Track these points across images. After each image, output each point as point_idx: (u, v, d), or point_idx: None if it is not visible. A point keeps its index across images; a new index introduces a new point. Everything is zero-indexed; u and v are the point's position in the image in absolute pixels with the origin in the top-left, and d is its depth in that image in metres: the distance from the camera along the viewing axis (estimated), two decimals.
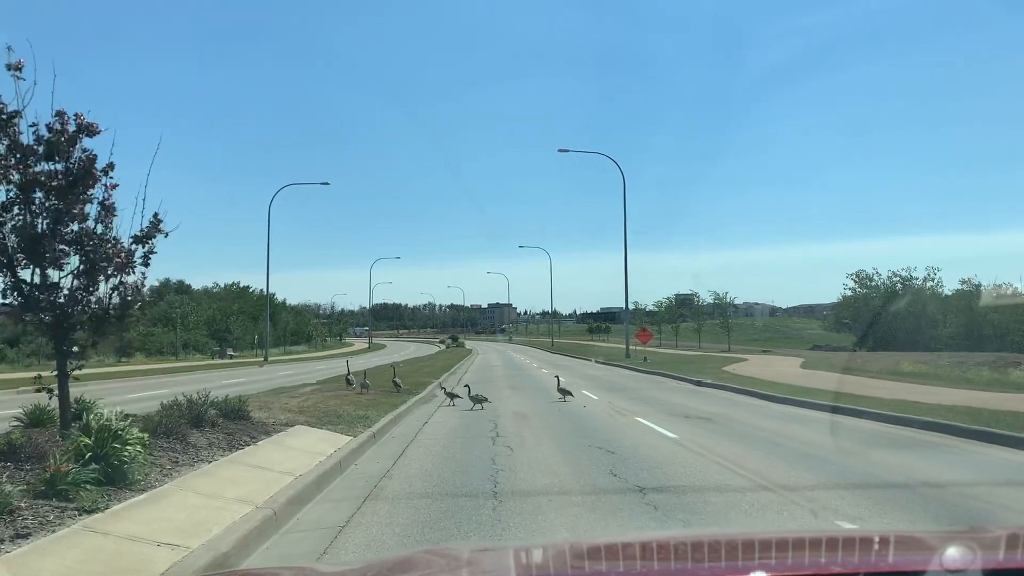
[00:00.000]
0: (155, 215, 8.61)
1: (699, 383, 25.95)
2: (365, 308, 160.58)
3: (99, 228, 7.97)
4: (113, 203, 8.14)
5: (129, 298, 8.29)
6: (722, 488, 7.82)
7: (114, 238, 7.98)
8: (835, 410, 15.81)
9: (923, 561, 1.85)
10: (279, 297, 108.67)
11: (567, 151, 51.72)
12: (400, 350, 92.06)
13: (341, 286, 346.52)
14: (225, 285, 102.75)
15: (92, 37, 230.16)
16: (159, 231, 8.72)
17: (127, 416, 9.67)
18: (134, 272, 8.43)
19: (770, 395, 19.77)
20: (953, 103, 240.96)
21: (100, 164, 8.17)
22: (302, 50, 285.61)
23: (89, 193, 8.11)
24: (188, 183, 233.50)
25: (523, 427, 13.29)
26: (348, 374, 20.83)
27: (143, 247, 8.62)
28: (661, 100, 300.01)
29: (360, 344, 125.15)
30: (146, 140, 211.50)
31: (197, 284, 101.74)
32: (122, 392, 24.32)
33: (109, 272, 7.83)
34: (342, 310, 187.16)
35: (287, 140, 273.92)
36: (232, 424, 9.93)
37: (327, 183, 64.57)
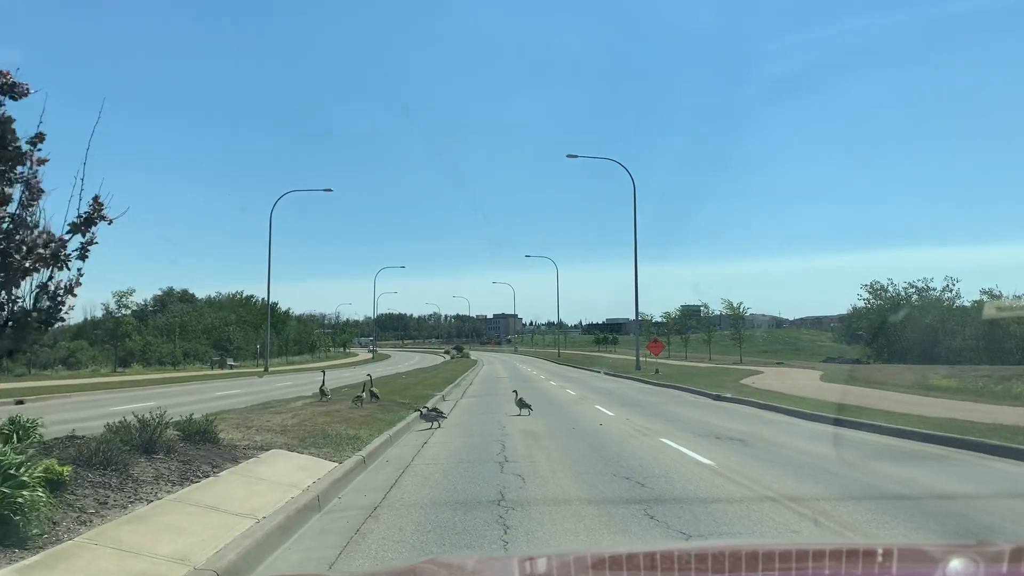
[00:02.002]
0: (95, 198, 7.14)
1: (718, 397, 24.37)
2: (370, 318, 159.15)
3: (19, 211, 6.50)
4: (39, 181, 6.68)
5: (60, 298, 6.81)
6: (787, 535, 6.28)
7: (34, 223, 6.50)
8: (878, 430, 14.25)
9: (926, 573, 1.85)
10: (283, 307, 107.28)
11: (576, 156, 50.24)
12: (405, 360, 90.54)
13: (346, 296, 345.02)
14: (228, 295, 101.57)
15: (94, 45, 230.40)
16: (102, 217, 7.25)
17: (73, 439, 8.22)
18: (68, 267, 6.98)
19: (800, 411, 18.19)
20: (958, 116, 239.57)
21: (28, 135, 6.77)
22: (306, 61, 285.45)
23: (17, 171, 6.69)
24: (194, 195, 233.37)
25: (535, 450, 11.75)
26: (322, 385, 19.89)
27: (81, 236, 7.18)
28: (664, 113, 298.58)
29: (364, 354, 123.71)
30: (146, 147, 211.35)
31: (201, 294, 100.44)
32: (107, 404, 22.93)
33: (27, 266, 6.34)
34: (347, 320, 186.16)
35: (291, 152, 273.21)
36: (193, 449, 8.41)
37: (330, 190, 63.56)
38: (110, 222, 7.36)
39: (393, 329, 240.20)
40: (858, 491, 8.29)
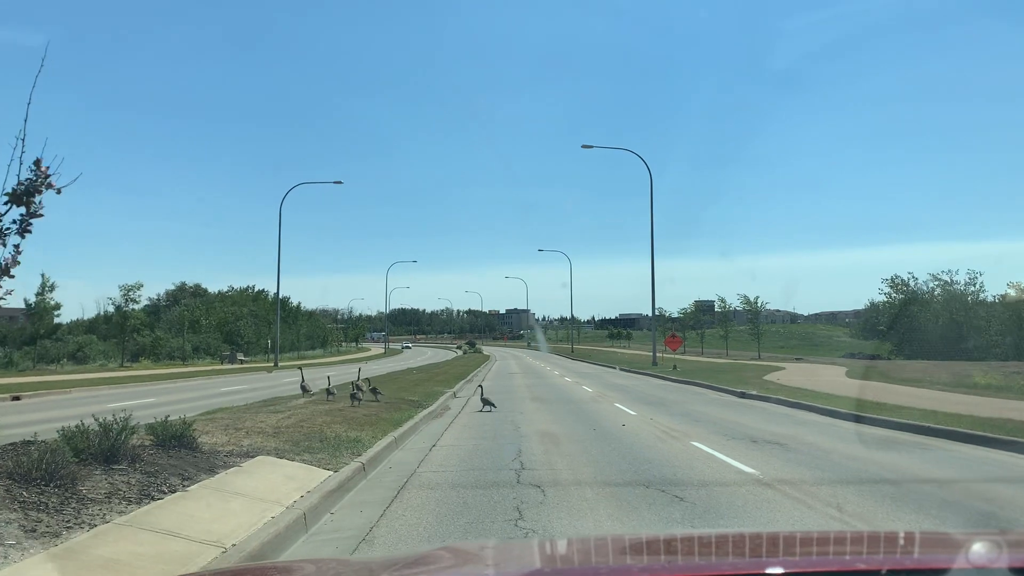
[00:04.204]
0: (37, 161, 6.05)
1: (743, 395, 23.13)
2: (383, 313, 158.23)
3: None
4: None
5: None
6: None
7: None
8: (930, 432, 12.99)
9: (948, 559, 1.73)
10: (295, 302, 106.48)
11: (591, 147, 48.89)
12: (417, 355, 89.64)
13: (359, 291, 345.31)
14: (240, 289, 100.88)
15: (107, 41, 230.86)
16: (48, 185, 6.17)
17: (29, 444, 7.15)
18: (4, 243, 5.90)
19: (835, 411, 16.94)
20: (972, 110, 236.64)
21: None
22: (318, 56, 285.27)
23: None
24: (207, 189, 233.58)
25: (554, 455, 10.59)
26: (303, 382, 18.90)
27: (25, 208, 6.10)
28: (677, 108, 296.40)
29: (377, 349, 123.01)
30: (159, 143, 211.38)
31: (214, 288, 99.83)
32: (105, 401, 21.97)
33: None
34: (359, 315, 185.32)
35: (303, 147, 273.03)
36: (164, 458, 7.32)
37: (339, 182, 62.55)
38: (58, 191, 6.27)
39: (406, 324, 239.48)
40: (932, 506, 7.09)
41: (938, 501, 7.45)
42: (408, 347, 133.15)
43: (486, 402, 17.76)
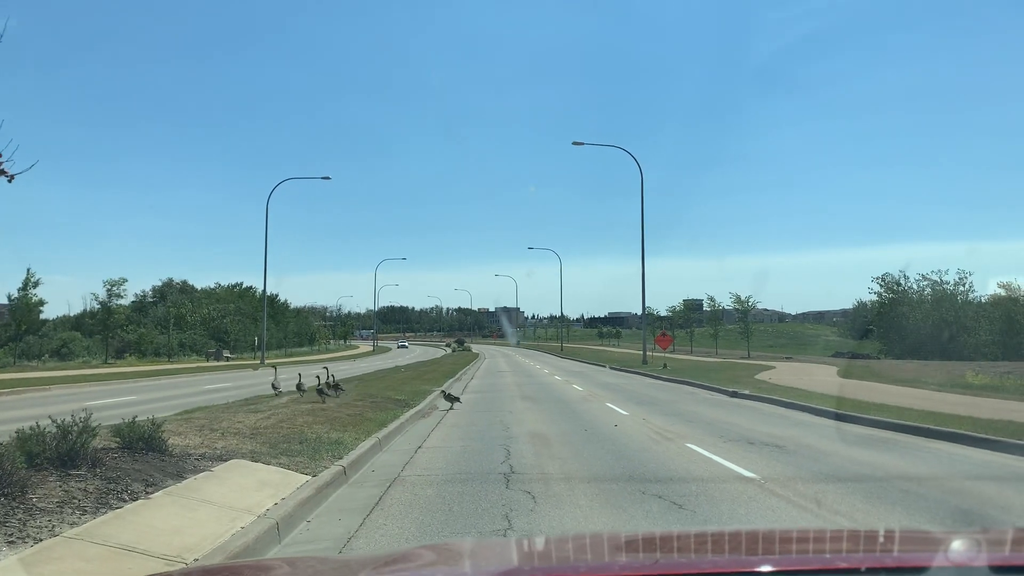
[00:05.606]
0: None
1: (735, 394, 22.77)
2: (372, 311, 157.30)
3: None
4: None
5: None
6: None
7: None
8: (930, 434, 12.64)
9: (928, 557, 1.73)
10: (283, 299, 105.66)
11: (581, 144, 48.41)
12: (405, 353, 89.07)
13: (348, 289, 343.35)
14: (228, 286, 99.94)
15: (96, 36, 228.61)
16: (0, 172, 5.72)
17: None
18: None
19: (831, 411, 16.55)
20: (955, 109, 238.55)
21: None
22: (308, 53, 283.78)
23: None
24: (197, 186, 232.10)
25: (545, 458, 10.16)
26: (274, 380, 18.67)
27: None
28: (662, 108, 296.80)
29: (365, 347, 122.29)
30: (150, 139, 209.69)
31: (202, 285, 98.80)
32: (83, 399, 21.38)
33: None
34: (348, 312, 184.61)
35: (293, 144, 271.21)
36: (129, 462, 6.83)
37: (328, 178, 62.13)
38: (11, 178, 5.83)
39: (395, 322, 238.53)
40: (948, 517, 6.71)
41: (951, 508, 7.07)
42: (404, 345, 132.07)
43: (450, 398, 17.94)
